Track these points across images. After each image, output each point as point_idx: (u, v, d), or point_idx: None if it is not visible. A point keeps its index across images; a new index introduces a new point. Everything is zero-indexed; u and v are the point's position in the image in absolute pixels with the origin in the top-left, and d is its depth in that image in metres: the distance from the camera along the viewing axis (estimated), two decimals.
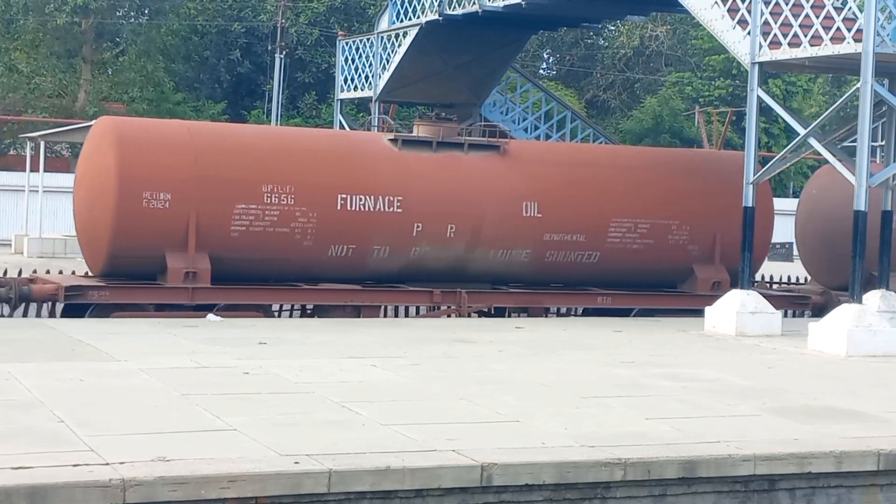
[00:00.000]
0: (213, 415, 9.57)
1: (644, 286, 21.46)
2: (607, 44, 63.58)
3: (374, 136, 22.32)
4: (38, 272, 20.87)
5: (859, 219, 16.66)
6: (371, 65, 30.51)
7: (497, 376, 12.54)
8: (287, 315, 20.59)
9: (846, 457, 9.27)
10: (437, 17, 27.18)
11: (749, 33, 18.28)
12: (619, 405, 10.91)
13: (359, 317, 18.98)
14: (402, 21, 29.05)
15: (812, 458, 9.17)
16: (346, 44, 32.40)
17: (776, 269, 30.84)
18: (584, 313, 21.27)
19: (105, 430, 8.75)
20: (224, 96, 55.91)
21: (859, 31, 16.56)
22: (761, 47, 18.15)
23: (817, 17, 17.29)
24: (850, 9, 16.89)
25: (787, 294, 22.85)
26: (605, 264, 21.17)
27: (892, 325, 16.62)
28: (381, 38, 30.08)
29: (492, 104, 31.19)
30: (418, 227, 19.78)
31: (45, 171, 36.09)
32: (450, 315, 19.77)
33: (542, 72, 63.48)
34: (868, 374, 14.13)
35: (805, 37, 17.52)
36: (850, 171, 17.07)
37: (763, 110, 21.66)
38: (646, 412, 10.58)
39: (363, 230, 19.44)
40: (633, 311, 20.90)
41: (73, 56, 51.61)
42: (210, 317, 17.73)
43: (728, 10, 18.63)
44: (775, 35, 17.97)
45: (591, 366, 13.75)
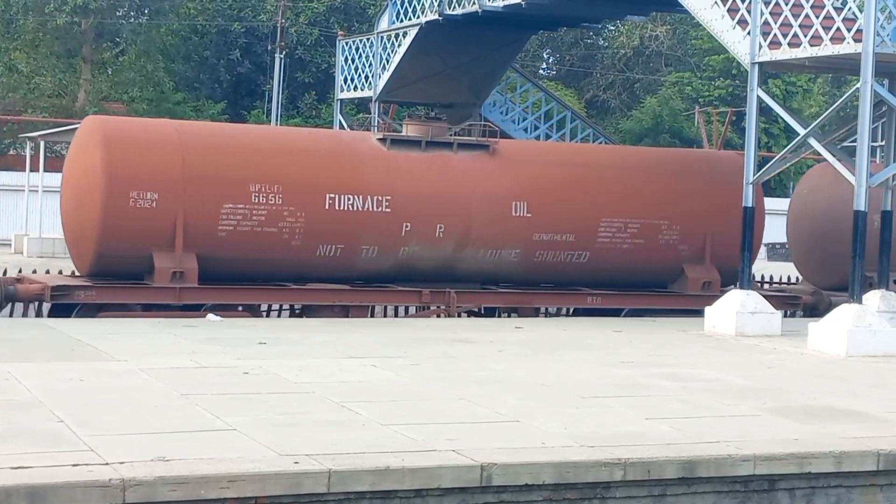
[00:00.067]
0: (212, 415, 9.57)
1: (634, 286, 21.41)
2: (607, 44, 63.59)
3: (362, 135, 22.23)
4: (37, 272, 20.88)
5: (859, 219, 16.65)
6: (371, 65, 30.51)
7: (497, 376, 12.54)
8: (275, 315, 20.53)
9: (846, 457, 9.27)
10: (436, 17, 27.18)
11: (749, 33, 18.28)
12: (619, 405, 10.92)
13: (347, 317, 18.87)
14: (401, 21, 29.05)
15: (812, 458, 9.17)
16: (346, 44, 32.41)
17: (776, 270, 30.84)
18: (575, 313, 21.23)
19: (105, 430, 8.75)
20: (224, 96, 55.91)
21: (859, 31, 16.57)
22: (761, 47, 18.15)
23: (817, 17, 17.29)
24: (849, 9, 16.89)
25: (778, 294, 22.80)
26: (595, 264, 21.11)
27: (891, 325, 16.62)
28: (381, 38, 30.08)
29: (492, 104, 31.20)
30: (407, 226, 19.72)
31: (45, 171, 36.05)
32: (439, 315, 19.71)
33: (541, 72, 63.49)
34: (868, 374, 14.13)
35: (805, 37, 17.52)
36: (850, 171, 17.06)
37: (763, 110, 21.65)
38: (646, 412, 10.58)
39: (351, 230, 19.37)
40: (623, 312, 20.84)
41: (73, 56, 51.60)
42: (210, 317, 17.73)
43: (728, 10, 18.63)
44: (775, 35, 17.97)
45: (591, 366, 13.75)
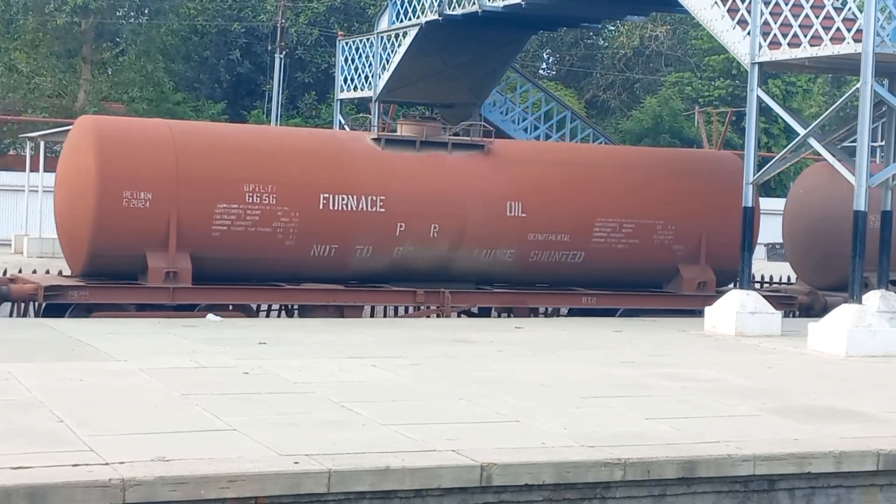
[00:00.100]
0: (212, 415, 9.57)
1: (629, 286, 21.38)
2: (607, 44, 63.58)
3: (357, 135, 22.16)
4: (37, 272, 20.87)
5: (859, 219, 16.66)
6: (371, 65, 30.51)
7: (497, 376, 12.54)
8: (268, 315, 20.48)
9: (846, 457, 9.27)
10: (436, 17, 27.18)
11: (749, 33, 18.28)
12: (619, 405, 10.92)
13: (342, 317, 18.82)
14: (401, 21, 29.06)
15: (812, 458, 9.17)
16: (346, 44, 32.41)
17: (776, 270, 30.84)
18: (569, 314, 21.20)
19: (105, 430, 8.75)
20: (224, 96, 55.88)
21: (859, 31, 16.57)
22: (761, 47, 18.15)
23: (817, 17, 17.29)
24: (849, 9, 16.89)
25: (773, 294, 22.78)
26: (590, 264, 21.07)
27: (891, 325, 16.62)
28: (381, 38, 30.09)
29: (492, 104, 31.20)
30: (401, 226, 19.67)
31: (45, 171, 35.99)
32: (429, 315, 19.66)
33: (541, 72, 63.48)
34: (868, 374, 14.13)
35: (805, 37, 17.52)
36: (850, 171, 17.06)
37: (763, 110, 21.65)
38: (646, 412, 10.58)
39: (346, 230, 19.32)
40: (618, 312, 20.81)
41: (73, 56, 51.58)
42: (210, 317, 17.73)
43: (728, 11, 18.63)
44: (775, 35, 17.97)
45: (590, 366, 13.75)
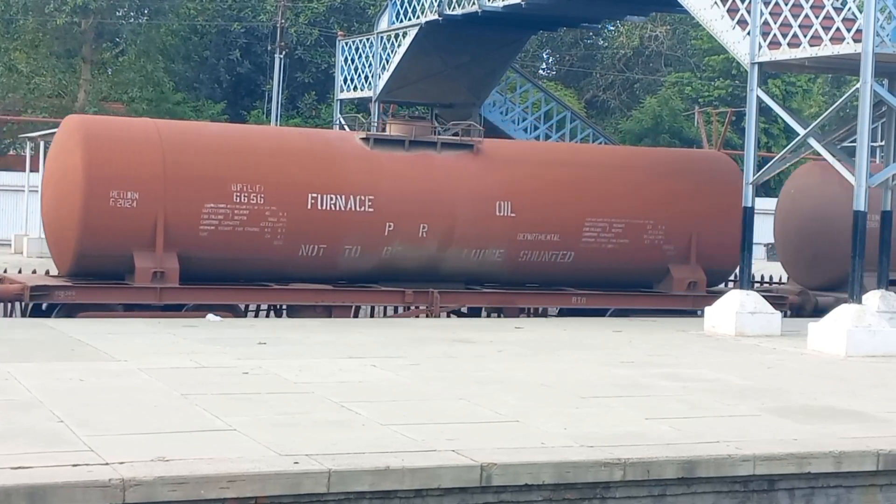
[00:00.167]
0: (212, 415, 9.58)
1: (619, 286, 21.34)
2: (607, 44, 63.56)
3: (345, 135, 22.10)
4: (37, 272, 20.87)
5: (859, 219, 16.66)
6: (371, 65, 30.53)
7: (497, 376, 12.54)
8: (255, 315, 20.46)
9: (845, 457, 9.27)
10: (436, 17, 27.19)
11: (749, 33, 18.28)
12: (619, 405, 10.92)
13: (330, 317, 18.78)
14: (401, 21, 29.07)
15: (811, 458, 9.17)
16: (346, 44, 32.42)
17: (776, 270, 30.82)
18: (560, 314, 21.16)
19: (105, 430, 8.75)
20: (224, 96, 55.86)
21: (859, 31, 16.56)
22: (761, 47, 18.15)
23: (817, 17, 17.29)
24: (849, 9, 16.89)
25: (764, 294, 22.76)
26: (579, 264, 21.03)
27: (891, 325, 16.63)
28: (381, 38, 30.10)
29: (491, 104, 31.21)
30: (390, 226, 19.61)
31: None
32: (418, 315, 19.65)
33: (541, 72, 63.47)
34: (868, 374, 14.13)
35: (804, 37, 17.52)
36: (850, 171, 17.06)
37: (763, 110, 21.65)
38: (645, 412, 10.58)
39: (334, 230, 19.26)
40: (608, 312, 20.77)
41: (73, 56, 51.55)
42: (210, 317, 17.72)
43: (728, 11, 18.63)
44: (775, 35, 17.97)
45: (590, 366, 13.75)
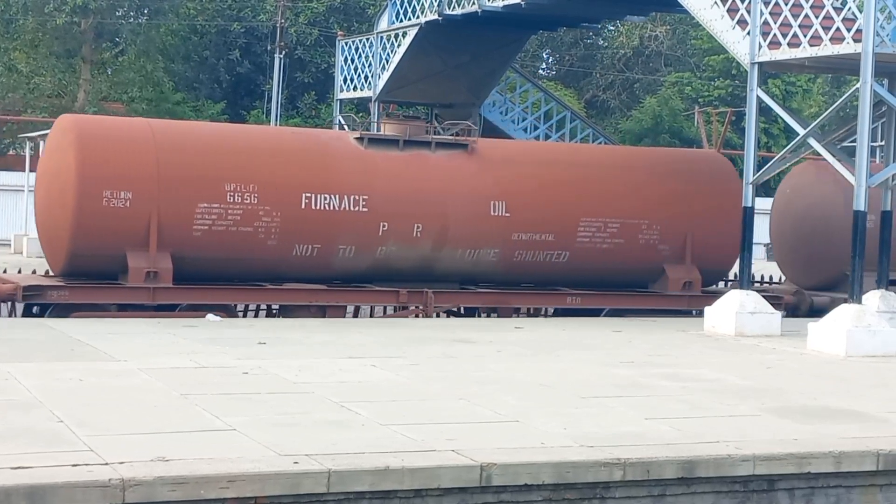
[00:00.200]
0: (212, 415, 9.57)
1: (615, 286, 21.32)
2: (607, 44, 63.56)
3: (339, 134, 22.01)
4: (36, 272, 20.86)
5: (859, 219, 16.66)
6: (370, 65, 30.52)
7: (496, 376, 12.54)
8: (252, 315, 20.44)
9: (845, 457, 9.27)
10: (436, 17, 27.18)
11: (748, 33, 18.28)
12: (619, 405, 10.92)
13: (324, 317, 18.74)
14: (401, 21, 29.06)
15: (811, 458, 9.18)
16: (346, 44, 32.40)
17: (776, 271, 30.80)
18: (555, 314, 21.15)
19: (104, 430, 8.75)
20: (223, 96, 55.85)
21: (859, 31, 16.56)
22: (761, 47, 18.15)
23: (817, 17, 17.29)
24: (849, 9, 16.89)
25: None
26: (574, 264, 20.99)
27: (891, 325, 16.62)
28: (381, 38, 30.09)
29: (491, 104, 31.20)
30: (384, 226, 19.57)
31: None
32: (417, 315, 19.65)
33: (541, 72, 63.46)
34: (867, 374, 14.13)
35: (804, 37, 17.52)
36: (850, 171, 17.06)
37: (763, 110, 21.64)
38: (645, 412, 10.58)
39: (328, 229, 19.22)
40: (603, 312, 20.75)
41: (73, 56, 51.54)
42: (209, 317, 17.72)
43: (727, 10, 18.63)
44: (775, 35, 17.97)
45: (590, 366, 13.75)
